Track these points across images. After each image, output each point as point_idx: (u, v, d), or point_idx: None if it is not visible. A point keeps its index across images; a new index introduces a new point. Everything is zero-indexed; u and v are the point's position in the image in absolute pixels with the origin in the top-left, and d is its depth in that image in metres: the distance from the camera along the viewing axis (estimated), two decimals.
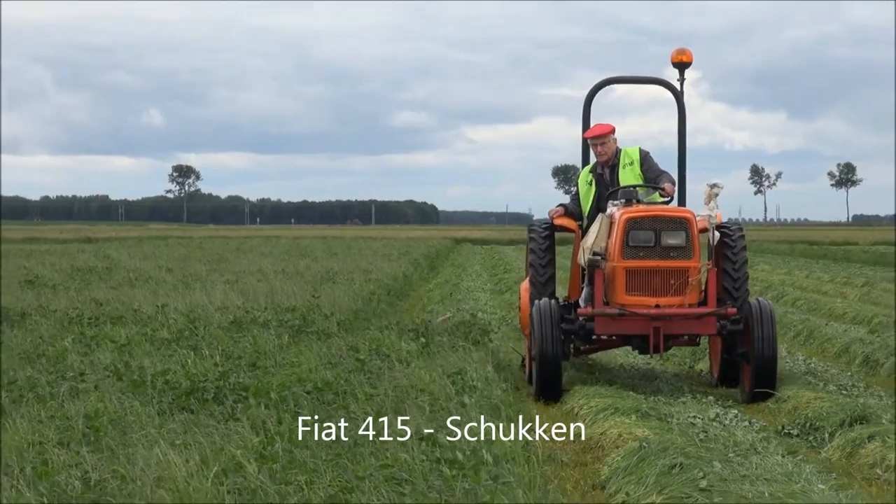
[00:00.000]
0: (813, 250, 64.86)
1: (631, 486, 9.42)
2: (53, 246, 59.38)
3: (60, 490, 7.62)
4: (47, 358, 13.91)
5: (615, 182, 14.88)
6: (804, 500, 9.01)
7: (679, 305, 13.87)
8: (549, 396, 13.91)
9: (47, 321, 18.08)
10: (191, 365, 13.20)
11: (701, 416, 12.58)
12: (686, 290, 13.90)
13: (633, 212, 13.92)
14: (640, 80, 17.07)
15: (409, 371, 13.17)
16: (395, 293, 27.70)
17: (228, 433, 9.42)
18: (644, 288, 13.93)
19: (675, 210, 14.42)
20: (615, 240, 13.88)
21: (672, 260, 13.90)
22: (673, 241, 13.87)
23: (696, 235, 13.98)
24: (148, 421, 9.97)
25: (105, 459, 8.51)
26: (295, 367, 13.36)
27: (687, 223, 13.96)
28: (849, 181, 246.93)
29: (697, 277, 13.95)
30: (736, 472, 9.98)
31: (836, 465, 10.78)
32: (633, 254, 13.83)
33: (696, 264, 13.96)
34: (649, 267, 13.89)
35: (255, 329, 16.88)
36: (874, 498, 9.55)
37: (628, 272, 13.88)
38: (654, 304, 13.86)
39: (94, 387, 11.69)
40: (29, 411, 10.42)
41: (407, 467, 8.21)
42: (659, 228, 13.88)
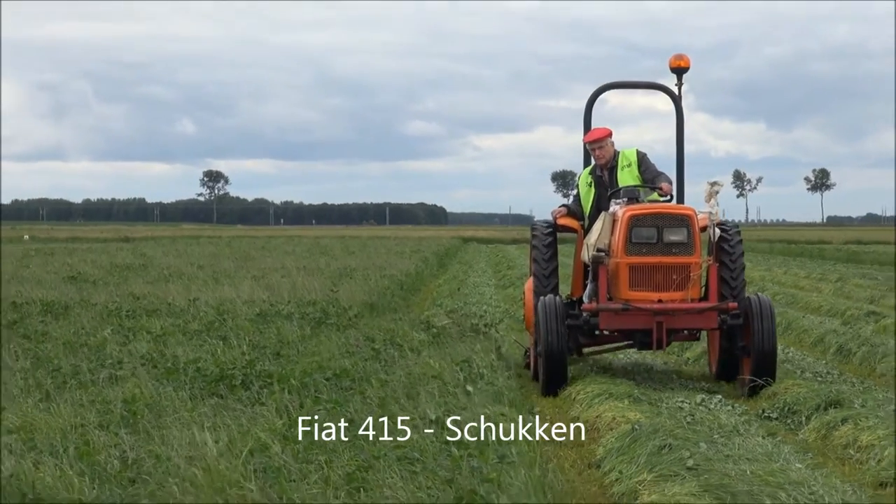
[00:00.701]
0: (791, 249, 64.99)
1: (624, 465, 9.42)
2: (94, 245, 59.48)
3: (100, 468, 7.63)
4: (89, 347, 13.92)
5: (614, 183, 14.35)
6: (783, 479, 9.00)
7: (681, 300, 13.37)
8: (555, 390, 13.31)
9: (88, 313, 18.10)
10: (220, 354, 13.21)
11: (688, 401, 12.57)
12: (688, 286, 13.41)
13: (636, 209, 13.43)
14: (639, 86, 16.38)
15: (420, 359, 13.17)
16: (407, 288, 27.70)
17: (254, 416, 9.43)
18: (647, 283, 13.41)
19: (677, 207, 13.98)
20: (619, 236, 13.35)
21: (674, 256, 13.38)
22: (675, 238, 13.37)
23: (697, 232, 13.50)
24: (181, 405, 9.98)
25: (141, 440, 8.52)
26: (315, 355, 13.35)
27: (688, 220, 13.48)
28: (823, 185, 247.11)
29: (699, 273, 13.48)
30: (720, 452, 9.98)
31: (812, 445, 10.77)
32: (636, 250, 13.32)
33: (698, 260, 13.47)
34: (652, 263, 13.37)
35: (279, 321, 16.89)
36: (847, 476, 9.55)
37: (631, 268, 13.35)
38: (656, 298, 13.35)
39: (131, 374, 11.70)
40: (72, 396, 10.43)
41: (418, 448, 8.21)
42: (661, 225, 13.37)
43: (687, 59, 15.32)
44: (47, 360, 12.72)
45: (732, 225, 14.19)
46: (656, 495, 8.42)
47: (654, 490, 8.54)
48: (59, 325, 16.40)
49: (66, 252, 45.97)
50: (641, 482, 8.85)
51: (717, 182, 13.73)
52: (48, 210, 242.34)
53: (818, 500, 8.47)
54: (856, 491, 8.96)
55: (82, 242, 65.10)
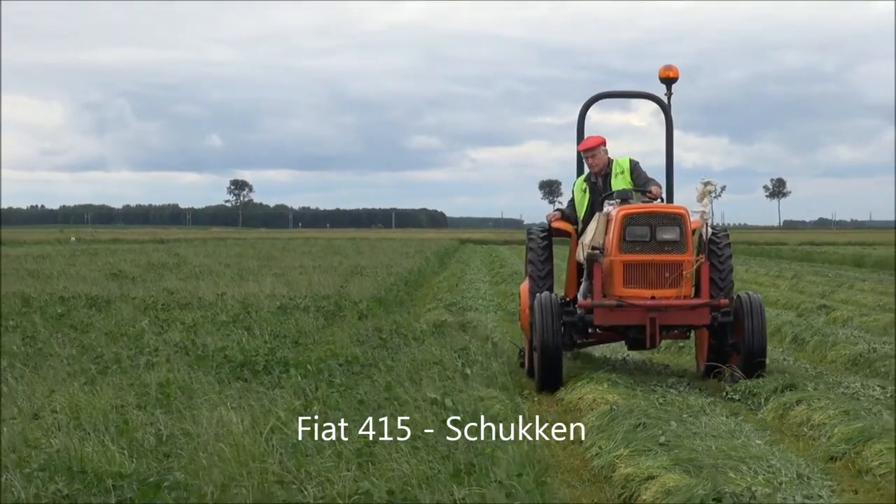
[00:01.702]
0: (751, 249, 64.89)
1: (603, 441, 9.40)
2: (133, 245, 59.45)
3: (138, 444, 7.63)
4: (128, 337, 13.92)
5: (608, 190, 13.37)
6: (744, 453, 9.01)
7: (674, 297, 12.44)
8: (551, 386, 12.41)
9: (128, 307, 18.11)
10: (245, 342, 13.21)
11: (660, 385, 12.56)
12: (680, 283, 12.45)
13: (630, 208, 12.52)
14: (630, 95, 15.30)
15: (423, 347, 13.16)
16: (411, 284, 27.68)
17: (275, 398, 9.42)
18: (640, 281, 12.45)
19: (670, 207, 13.06)
20: (613, 235, 12.42)
21: (667, 254, 12.45)
22: (667, 236, 12.44)
23: (690, 230, 12.56)
24: (209, 388, 9.98)
25: (174, 419, 8.51)
26: (329, 344, 13.35)
27: (681, 219, 12.54)
28: (780, 193, 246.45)
29: (691, 270, 12.51)
30: (689, 430, 9.98)
31: (770, 424, 10.76)
32: (630, 248, 12.37)
33: (690, 258, 12.51)
34: (645, 261, 12.43)
35: (297, 313, 16.90)
36: (801, 451, 9.54)
37: (625, 265, 12.41)
38: (650, 295, 12.37)
39: (165, 360, 11.70)
40: (113, 380, 10.43)
41: (420, 426, 8.20)
42: (654, 224, 12.44)
43: (675, 70, 14.50)
44: (91, 348, 12.72)
45: (721, 227, 13.48)
46: (632, 468, 8.41)
47: (630, 464, 8.54)
48: (102, 317, 16.41)
49: (108, 252, 45.95)
50: (619, 456, 8.84)
51: (710, 182, 12.84)
52: (92, 215, 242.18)
53: (776, 473, 8.47)
54: (809, 464, 8.96)
55: (122, 243, 65.04)
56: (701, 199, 12.78)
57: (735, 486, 7.51)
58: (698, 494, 7.33)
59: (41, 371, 10.99)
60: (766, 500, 7.24)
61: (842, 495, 8.02)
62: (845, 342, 15.59)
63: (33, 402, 9.22)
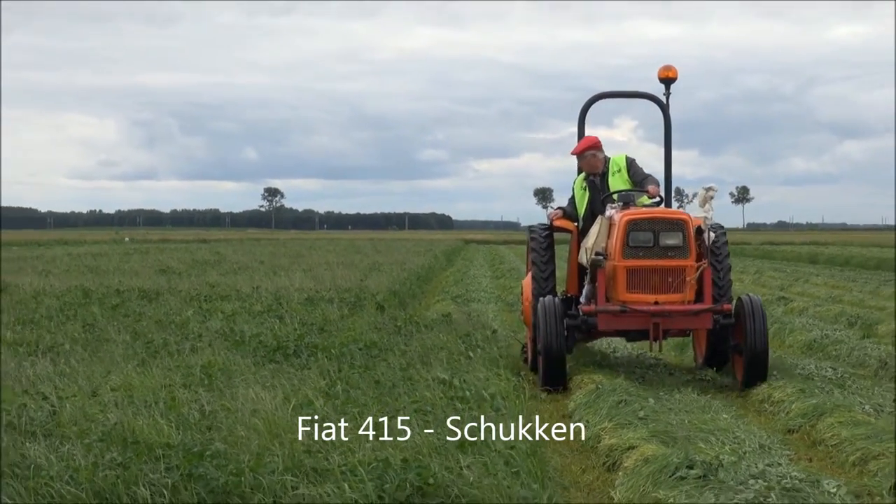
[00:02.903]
0: None
1: (590, 416, 9.40)
2: (180, 245, 59.48)
3: (184, 418, 7.64)
4: (175, 324, 13.93)
5: (605, 188, 12.11)
6: (713, 426, 8.98)
7: (677, 302, 11.12)
8: (555, 387, 11.16)
9: (175, 298, 18.12)
10: (277, 329, 13.21)
11: (639, 367, 12.54)
12: (684, 288, 11.11)
13: (633, 214, 11.22)
14: (629, 95, 13.46)
15: (432, 334, 13.15)
16: (422, 279, 27.68)
17: (303, 378, 9.43)
18: (644, 286, 11.13)
19: (673, 212, 11.56)
20: (616, 240, 11.16)
21: (670, 259, 11.12)
22: (670, 242, 11.12)
23: (692, 236, 11.21)
24: (246, 369, 9.99)
25: (215, 397, 8.52)
26: (351, 331, 13.35)
27: (684, 224, 11.17)
28: (744, 199, 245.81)
29: (694, 276, 11.13)
30: (664, 405, 9.96)
31: (735, 400, 10.75)
32: (633, 253, 11.08)
33: (693, 263, 11.14)
34: (648, 266, 11.11)
35: (322, 304, 16.89)
36: (763, 424, 9.54)
37: (629, 271, 11.09)
38: (653, 300, 11.09)
39: (208, 345, 11.71)
40: (161, 363, 10.44)
41: (430, 402, 8.20)
42: (657, 229, 11.11)
43: (675, 71, 13.08)
44: (143, 335, 12.74)
45: (718, 228, 11.95)
46: (615, 439, 8.40)
47: (614, 435, 8.53)
48: (152, 307, 16.42)
49: (157, 251, 45.99)
50: (603, 429, 8.84)
51: (712, 187, 11.42)
52: (144, 218, 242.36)
53: (740, 443, 8.46)
54: (769, 436, 8.95)
55: (170, 243, 65.08)
56: (703, 205, 11.44)
57: (705, 454, 7.50)
58: (673, 462, 7.31)
59: (99, 354, 11.01)
60: (731, 467, 7.23)
61: (798, 463, 8.01)
62: (801, 329, 15.57)
63: (92, 381, 9.23)
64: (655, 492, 6.90)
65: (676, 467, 7.21)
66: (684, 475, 7.09)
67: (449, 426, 7.24)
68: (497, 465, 6.10)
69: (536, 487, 6.00)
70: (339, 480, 5.77)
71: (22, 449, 6.50)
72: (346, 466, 6.01)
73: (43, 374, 9.53)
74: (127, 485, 5.76)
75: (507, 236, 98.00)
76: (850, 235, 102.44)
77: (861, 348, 13.83)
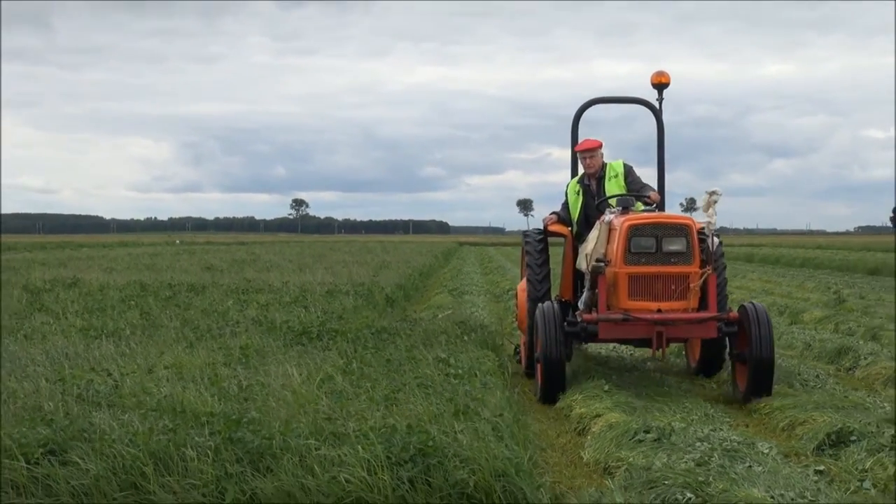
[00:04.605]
0: None
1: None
2: (221, 247, 59.36)
3: (224, 391, 7.62)
4: (217, 313, 13.90)
5: (601, 193, 10.40)
6: (667, 398, 8.99)
7: (681, 310, 9.16)
8: (554, 397, 9.19)
9: (217, 291, 18.08)
10: (303, 317, 13.18)
11: (603, 349, 12.52)
12: (687, 295, 9.16)
13: (635, 219, 9.29)
14: (622, 100, 11.60)
15: (434, 321, 13.14)
16: (423, 274, 27.67)
17: (325, 357, 9.41)
18: (646, 293, 9.16)
19: (676, 217, 9.56)
20: (617, 246, 9.19)
21: (673, 265, 9.14)
22: (674, 248, 9.16)
23: (696, 242, 9.22)
24: (277, 350, 9.96)
25: (251, 373, 8.50)
26: (364, 318, 13.33)
27: (687, 230, 9.23)
28: (692, 208, 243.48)
29: (698, 283, 9.18)
30: (625, 380, 9.95)
31: (684, 379, 10.72)
32: (635, 260, 9.13)
33: (697, 270, 9.17)
34: (651, 273, 9.13)
35: (340, 296, 16.86)
36: (707, 397, 9.51)
37: (631, 277, 9.14)
38: (656, 308, 9.10)
39: (244, 330, 11.68)
40: (206, 345, 10.42)
41: (430, 378, 8.19)
42: (660, 235, 9.18)
43: (667, 76, 11.19)
44: (190, 322, 12.70)
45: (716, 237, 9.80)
46: (585, 409, 8.40)
47: (583, 405, 8.52)
48: (199, 299, 16.39)
49: (203, 251, 45.87)
50: (575, 400, 8.83)
51: (716, 192, 9.38)
52: (191, 224, 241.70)
53: (689, 412, 8.45)
54: (713, 406, 8.94)
55: (213, 245, 64.97)
56: (706, 209, 9.47)
57: (659, 421, 7.50)
58: (632, 428, 7.32)
59: (154, 338, 10.98)
60: (681, 432, 7.23)
61: (737, 429, 8.01)
62: None
63: (148, 360, 9.21)
64: (618, 452, 6.90)
65: (636, 432, 7.22)
66: (642, 438, 7.10)
67: (446, 397, 7.24)
68: (486, 431, 6.09)
69: (518, 449, 6.00)
70: (354, 443, 5.76)
71: (90, 417, 6.48)
72: (359, 431, 6.00)
73: (107, 354, 9.51)
74: (177, 446, 5.75)
75: (495, 239, 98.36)
76: (779, 239, 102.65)
77: (789, 333, 13.84)
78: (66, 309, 14.27)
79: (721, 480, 5.82)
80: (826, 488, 6.02)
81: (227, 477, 5.52)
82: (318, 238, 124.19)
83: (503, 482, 5.41)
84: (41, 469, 5.60)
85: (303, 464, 5.59)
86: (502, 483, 5.41)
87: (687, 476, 5.83)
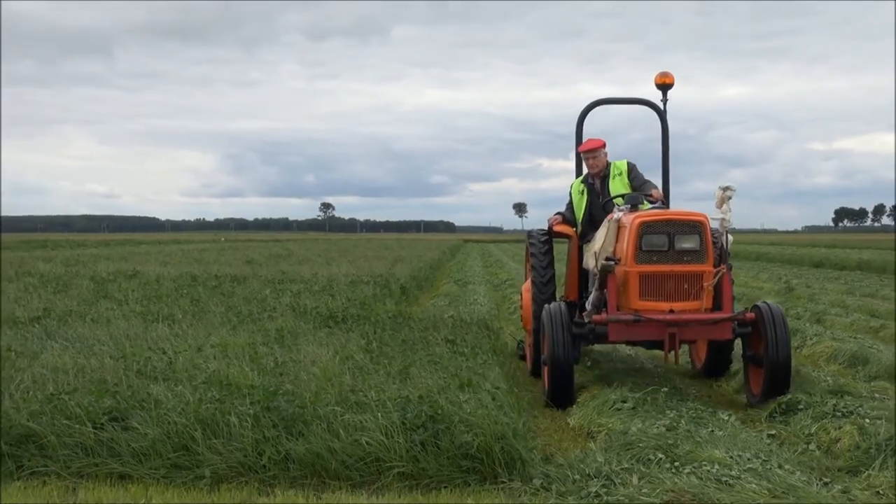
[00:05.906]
0: None
1: None
2: (260, 244, 59.34)
3: (262, 366, 7.63)
4: (257, 300, 13.89)
5: (605, 192, 8.89)
6: (642, 372, 8.95)
7: (694, 310, 7.55)
8: (562, 401, 7.62)
9: (257, 281, 18.08)
10: (329, 304, 13.16)
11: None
12: (701, 295, 7.56)
13: (647, 216, 7.69)
14: (627, 101, 9.84)
15: (442, 306, 13.10)
16: (433, 268, 27.61)
17: (348, 338, 9.40)
18: (658, 293, 7.55)
19: (689, 213, 7.73)
20: (628, 244, 7.63)
21: (686, 264, 7.53)
22: (687, 245, 7.54)
23: (710, 239, 7.61)
24: (308, 332, 9.95)
25: (286, 351, 8.50)
26: (382, 305, 13.32)
27: (701, 227, 7.58)
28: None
29: (712, 282, 7.57)
30: (606, 357, 9.92)
31: (658, 356, 10.62)
32: (647, 258, 7.55)
33: (710, 268, 7.56)
34: (663, 272, 7.53)
35: (362, 286, 16.83)
36: (676, 372, 9.47)
37: (642, 277, 7.55)
38: (668, 308, 7.51)
39: (280, 315, 11.68)
40: (247, 327, 10.42)
41: (438, 356, 8.18)
42: (672, 232, 7.56)
43: (671, 77, 9.41)
44: (233, 307, 12.70)
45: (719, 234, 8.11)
46: None
47: None
48: (241, 288, 16.39)
49: (244, 248, 45.86)
50: None
51: (730, 187, 7.59)
52: (234, 224, 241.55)
53: (661, 384, 8.41)
54: (682, 380, 8.92)
55: (253, 242, 64.95)
56: (720, 205, 7.64)
57: (636, 392, 7.48)
58: (612, 398, 7.30)
59: (202, 321, 10.98)
60: (653, 402, 7.21)
61: (701, 398, 8.00)
62: None
63: (197, 340, 9.20)
64: (599, 419, 6.89)
65: (615, 402, 7.21)
66: (620, 407, 7.08)
67: (452, 372, 7.23)
68: (486, 401, 6.09)
69: (514, 415, 6.00)
70: (374, 411, 5.77)
71: (147, 389, 6.49)
72: (378, 401, 6.00)
73: (162, 335, 9.51)
74: (222, 414, 5.76)
75: (494, 237, 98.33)
76: (737, 236, 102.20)
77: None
78: (127, 297, 14.28)
79: (687, 443, 5.81)
80: (777, 450, 6.03)
81: (265, 440, 5.53)
82: (343, 236, 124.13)
83: (502, 444, 5.41)
84: (106, 433, 5.62)
85: (330, 429, 5.59)
86: (501, 445, 5.41)
87: (658, 439, 5.83)
